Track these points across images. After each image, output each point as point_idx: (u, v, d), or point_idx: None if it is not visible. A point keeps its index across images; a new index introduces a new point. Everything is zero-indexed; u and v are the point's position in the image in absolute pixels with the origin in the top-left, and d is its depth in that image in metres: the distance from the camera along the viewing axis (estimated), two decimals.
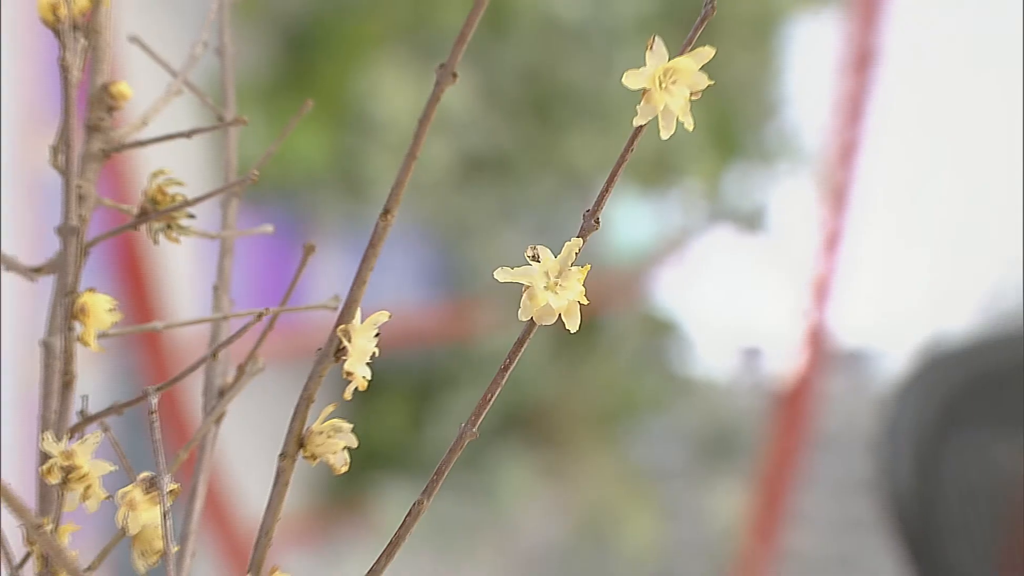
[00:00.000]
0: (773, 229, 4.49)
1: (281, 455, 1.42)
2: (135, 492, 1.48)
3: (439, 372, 4.03)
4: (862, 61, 4.72)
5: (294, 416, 1.38)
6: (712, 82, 1.16)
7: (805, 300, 4.67)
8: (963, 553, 2.96)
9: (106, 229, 1.41)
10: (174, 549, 1.47)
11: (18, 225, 3.64)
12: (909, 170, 4.92)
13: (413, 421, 3.99)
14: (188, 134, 1.41)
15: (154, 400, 1.36)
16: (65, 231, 1.41)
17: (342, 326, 1.33)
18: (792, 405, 4.63)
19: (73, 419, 1.48)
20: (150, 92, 1.40)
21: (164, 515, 1.47)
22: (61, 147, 1.34)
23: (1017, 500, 2.97)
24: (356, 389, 1.30)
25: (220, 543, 3.60)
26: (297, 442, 1.42)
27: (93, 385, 1.70)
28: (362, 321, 1.33)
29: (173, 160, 1.36)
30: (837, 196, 4.67)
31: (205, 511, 1.62)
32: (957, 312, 4.79)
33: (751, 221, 4.38)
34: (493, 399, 1.35)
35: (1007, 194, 4.82)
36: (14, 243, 3.43)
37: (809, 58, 4.70)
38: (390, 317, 1.28)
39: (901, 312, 4.80)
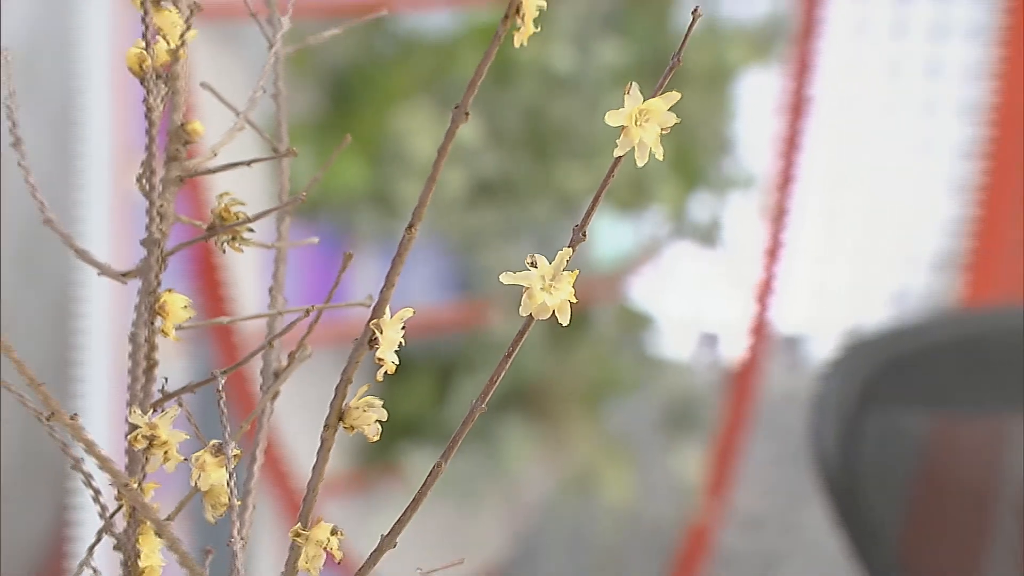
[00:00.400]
0: (726, 242, 4.47)
1: (324, 426, 1.41)
2: (206, 456, 1.48)
3: (456, 357, 4.01)
4: (797, 106, 4.69)
5: (335, 394, 1.37)
6: (678, 120, 1.17)
7: (751, 297, 4.66)
8: (879, 508, 2.94)
9: (182, 241, 1.41)
10: (237, 503, 1.46)
11: (113, 238, 3.61)
12: (834, 193, 4.91)
13: (434, 398, 3.97)
14: (249, 163, 1.42)
15: (221, 381, 1.37)
16: (149, 242, 1.41)
17: (375, 320, 1.32)
18: (740, 382, 4.62)
19: (155, 397, 1.47)
20: (218, 128, 1.40)
21: (229, 475, 1.47)
22: (145, 174, 1.34)
23: (922, 465, 2.93)
24: (386, 372, 1.29)
25: (276, 498, 3.57)
26: (338, 416, 1.42)
27: (172, 369, 1.70)
28: (391, 316, 1.33)
29: (236, 184, 1.36)
30: (777, 215, 4.66)
31: (263, 471, 1.61)
32: (872, 307, 4.77)
33: (708, 236, 4.36)
34: (499, 380, 1.35)
35: (911, 214, 4.81)
36: (109, 253, 3.41)
37: (755, 103, 4.68)
38: (414, 313, 1.28)
39: (828, 307, 4.79)
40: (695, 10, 1.21)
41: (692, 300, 4.71)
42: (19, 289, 3.72)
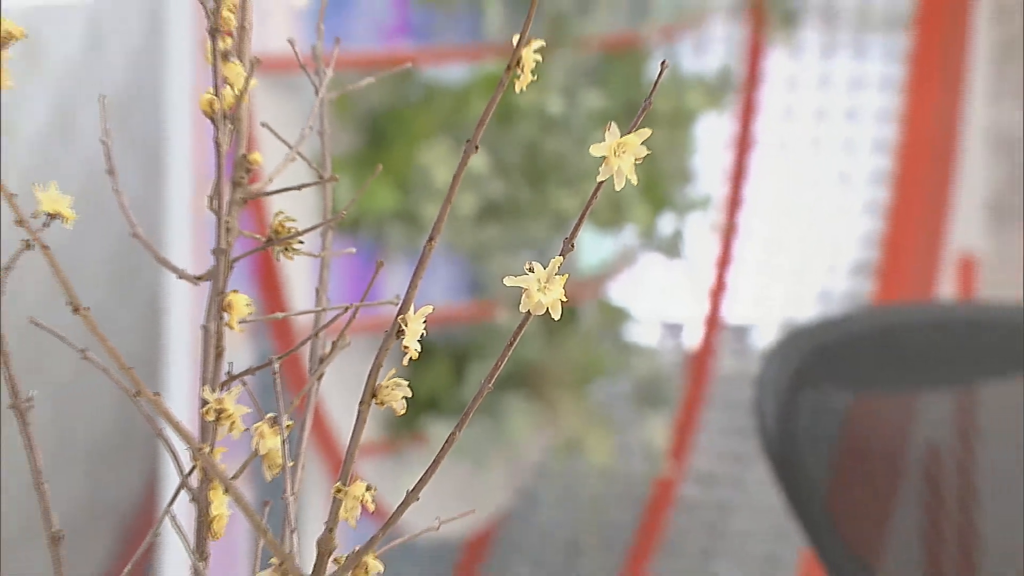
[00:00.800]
0: (686, 253, 4.45)
1: (360, 402, 1.40)
2: (264, 426, 1.47)
3: (468, 346, 3.98)
4: (744, 143, 4.67)
5: (369, 376, 1.37)
6: (648, 152, 1.16)
7: (706, 297, 4.65)
8: (810, 469, 2.93)
9: (245, 250, 1.41)
10: (289, 464, 1.45)
11: (192, 249, 3.60)
12: (773, 214, 4.90)
13: (451, 379, 3.94)
14: (299, 187, 1.43)
15: (276, 365, 1.37)
16: (217, 252, 1.41)
17: (401, 316, 1.32)
18: (698, 365, 4.60)
19: (223, 378, 1.47)
20: (273, 159, 1.40)
21: (283, 441, 1.47)
22: (215, 196, 1.35)
23: (844, 433, 2.90)
24: (410, 358, 1.29)
25: (321, 460, 3.55)
26: (371, 393, 1.41)
27: (236, 356, 1.67)
28: (414, 312, 1.33)
29: (289, 204, 1.36)
30: (727, 231, 4.64)
31: (310, 439, 1.59)
32: (803, 305, 4.75)
33: (672, 248, 4.33)
34: (502, 365, 1.34)
35: (834, 230, 4.80)
36: (189, 261, 3.41)
37: (710, 140, 4.67)
38: (433, 310, 1.28)
39: (768, 304, 4.77)
40: (663, 63, 1.20)
41: (659, 299, 4.68)
42: (117, 291, 3.70)
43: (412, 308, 1.53)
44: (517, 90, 1.49)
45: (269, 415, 1.66)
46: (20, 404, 1.71)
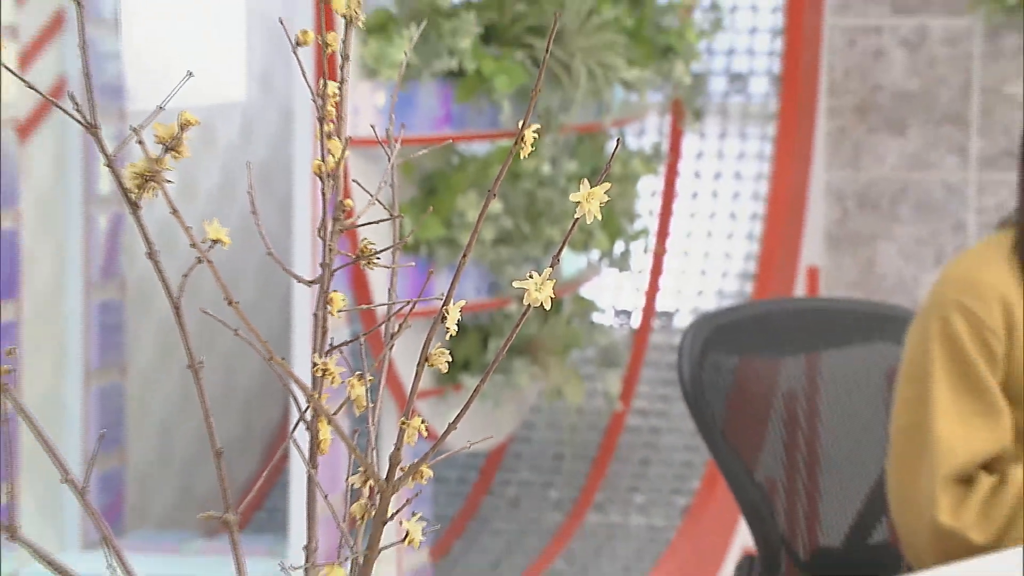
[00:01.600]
0: (632, 266, 4.39)
1: (418, 363, 1.39)
2: (354, 380, 1.46)
3: (489, 326, 3.95)
4: (669, 194, 4.64)
5: (423, 346, 1.35)
6: (607, 199, 1.14)
7: (644, 293, 4.61)
8: (712, 406, 2.89)
9: (342, 264, 1.41)
10: (371, 405, 1.44)
11: (309, 263, 3.56)
12: (688, 240, 4.85)
13: (478, 348, 3.91)
14: (377, 222, 1.42)
15: (362, 339, 1.36)
16: (324, 265, 1.38)
17: (444, 307, 1.31)
18: (639, 338, 4.56)
19: (327, 348, 1.46)
20: (360, 203, 1.38)
21: (366, 389, 1.45)
22: (323, 227, 1.32)
23: (733, 382, 2.88)
24: (450, 334, 1.28)
25: (392, 402, 3.52)
26: (424, 357, 1.39)
27: (337, 333, 1.66)
28: (453, 305, 1.32)
29: (371, 233, 1.36)
30: (658, 252, 4.59)
31: (385, 388, 1.59)
32: (707, 299, 4.71)
33: (623, 263, 4.28)
34: (511, 339, 1.33)
35: (728, 250, 4.76)
36: (306, 271, 3.38)
37: (647, 192, 4.63)
38: (465, 303, 1.28)
39: (685, 298, 4.72)
40: (617, 141, 1.20)
41: (614, 295, 4.63)
42: (261, 291, 3.66)
43: (451, 302, 1.53)
44: (522, 158, 1.48)
45: (357, 372, 1.65)
46: (195, 366, 1.70)
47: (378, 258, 1.64)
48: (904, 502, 2.48)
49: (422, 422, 1.65)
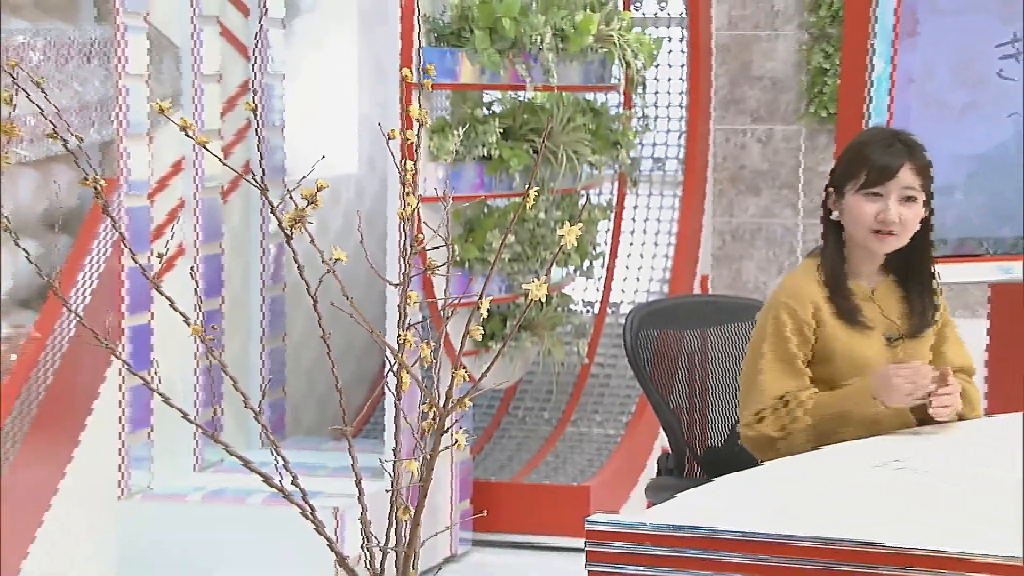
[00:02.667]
0: (595, 275, 4.35)
1: (462, 335, 1.36)
2: (424, 345, 1.42)
3: (507, 312, 3.92)
4: (616, 232, 4.59)
5: (466, 324, 1.33)
6: (580, 234, 1.11)
7: (601, 291, 4.55)
8: (643, 364, 2.85)
9: (416, 273, 1.38)
10: (434, 361, 1.41)
11: (396, 272, 3.52)
12: (630, 258, 4.79)
13: (500, 326, 3.87)
14: (437, 248, 1.38)
15: (428, 320, 1.35)
16: (404, 275, 1.35)
17: (479, 300, 1.29)
18: (599, 320, 4.52)
19: (407, 325, 1.43)
20: (427, 236, 1.36)
21: (437, 349, 1.41)
22: (404, 251, 1.29)
23: (657, 348, 2.85)
24: (483, 317, 1.26)
25: (447, 359, 3.49)
26: (466, 331, 1.36)
27: (413, 317, 1.64)
28: (485, 299, 1.29)
29: (434, 255, 1.34)
30: (610, 267, 4.52)
31: (443, 349, 1.58)
32: (641, 295, 4.66)
33: (589, 272, 4.25)
34: (521, 320, 1.31)
35: (655, 263, 4.72)
36: (394, 277, 3.38)
37: (604, 230, 4.57)
38: (491, 299, 1.26)
39: (628, 294, 4.65)
40: (586, 199, 1.19)
41: (583, 293, 4.56)
42: (367, 290, 3.65)
43: (483, 298, 1.52)
44: (527, 209, 1.49)
45: (425, 340, 1.62)
46: (325, 336, 1.67)
47: (438, 270, 1.63)
48: (742, 419, 2.46)
49: (466, 371, 1.65)
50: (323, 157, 3.04)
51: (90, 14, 3.34)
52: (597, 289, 4.57)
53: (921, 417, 2.37)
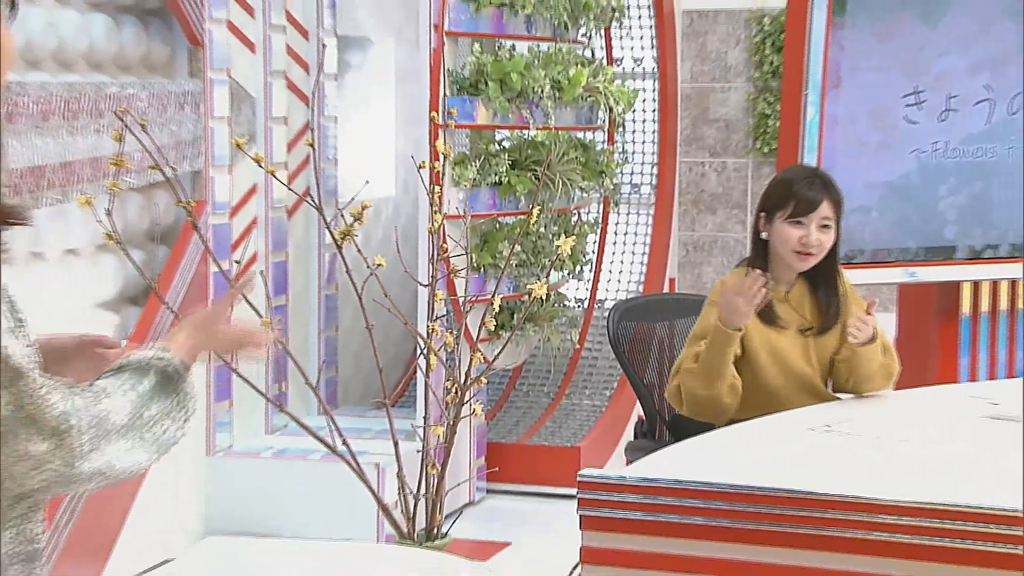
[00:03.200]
0: (584, 277, 4.33)
1: (479, 325, 1.34)
2: (448, 334, 1.40)
3: (515, 307, 3.89)
4: (602, 242, 4.55)
5: (482, 317, 1.32)
6: (573, 244, 1.11)
7: (590, 290, 4.52)
8: (623, 348, 2.84)
9: (442, 276, 1.36)
10: (456, 346, 1.39)
11: (427, 275, 3.50)
12: (612, 264, 4.75)
13: (509, 318, 3.79)
14: (458, 256, 1.33)
15: (452, 313, 1.31)
16: (432, 276, 1.32)
17: (492, 298, 1.28)
18: (588, 314, 4.44)
19: (434, 317, 1.41)
20: (451, 246, 1.32)
21: (454, 338, 1.38)
22: (432, 258, 1.27)
23: (633, 336, 2.79)
24: (496, 312, 1.25)
25: (465, 342, 3.46)
26: (482, 322, 1.34)
27: (439, 310, 1.61)
28: (497, 297, 1.27)
29: (457, 261, 1.30)
30: (597, 271, 4.45)
31: (463, 336, 1.57)
32: (622, 294, 4.63)
33: (580, 275, 4.22)
34: (526, 312, 1.30)
35: (636, 264, 4.69)
36: (424, 279, 3.36)
37: (591, 241, 4.54)
38: (502, 297, 1.23)
39: (611, 293, 4.62)
40: (578, 216, 1.16)
41: (575, 292, 4.52)
42: (402, 289, 3.62)
43: (495, 295, 1.51)
44: (531, 224, 1.46)
45: (449, 329, 1.62)
46: (369, 327, 1.67)
47: (459, 273, 1.63)
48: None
49: (481, 355, 1.64)
50: (367, 183, 3.04)
51: (184, 71, 3.37)
52: (586, 289, 4.55)
53: (841, 344, 2.34)
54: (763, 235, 2.38)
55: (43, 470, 0.99)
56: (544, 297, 2.48)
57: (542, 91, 3.60)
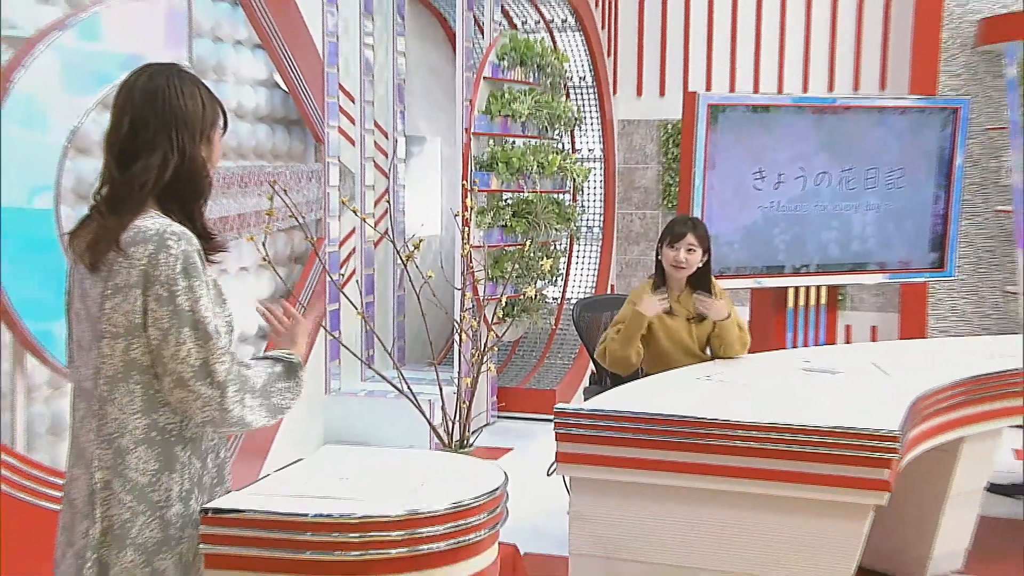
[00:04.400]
0: (558, 283, 4.24)
1: (492, 314, 1.29)
2: (472, 319, 1.35)
3: (515, 302, 3.81)
4: (569, 261, 4.43)
5: (495, 309, 1.26)
6: (551, 264, 1.04)
7: (561, 291, 4.39)
8: (582, 328, 2.78)
9: (469, 283, 1.28)
10: (477, 326, 1.35)
11: (460, 281, 3.39)
12: (573, 277, 4.58)
13: (511, 309, 3.74)
14: (479, 270, 1.26)
15: (473, 307, 1.25)
16: (464, 283, 1.26)
17: (500, 297, 1.23)
18: (560, 307, 4.31)
19: (464, 309, 1.34)
20: (476, 264, 1.24)
21: (476, 321, 1.34)
22: (465, 271, 1.21)
23: (586, 323, 2.61)
24: (503, 305, 1.20)
25: (485, 326, 3.38)
26: (494, 312, 1.29)
27: (468, 304, 1.58)
28: (503, 296, 1.22)
29: (480, 274, 1.22)
30: (566, 278, 4.22)
31: (482, 321, 1.53)
32: (584, 293, 4.53)
33: (555, 282, 4.15)
34: (522, 305, 1.25)
35: (587, 277, 4.48)
36: (458, 284, 3.29)
37: (562, 261, 4.44)
38: (507, 296, 1.18)
39: (574, 294, 4.51)
40: (554, 247, 1.10)
41: (552, 293, 4.41)
42: (444, 291, 3.55)
43: (502, 296, 1.48)
44: (524, 251, 1.40)
45: (475, 317, 1.58)
46: (423, 315, 1.64)
47: (480, 281, 1.62)
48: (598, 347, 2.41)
49: (494, 332, 1.63)
50: (422, 225, 3.08)
51: (312, 158, 3.38)
52: (559, 291, 4.46)
53: (714, 326, 2.31)
54: (661, 257, 2.40)
55: (206, 410, 1.02)
56: (533, 296, 2.52)
57: (531, 169, 3.62)
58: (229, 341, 1.06)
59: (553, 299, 4.46)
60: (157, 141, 1.03)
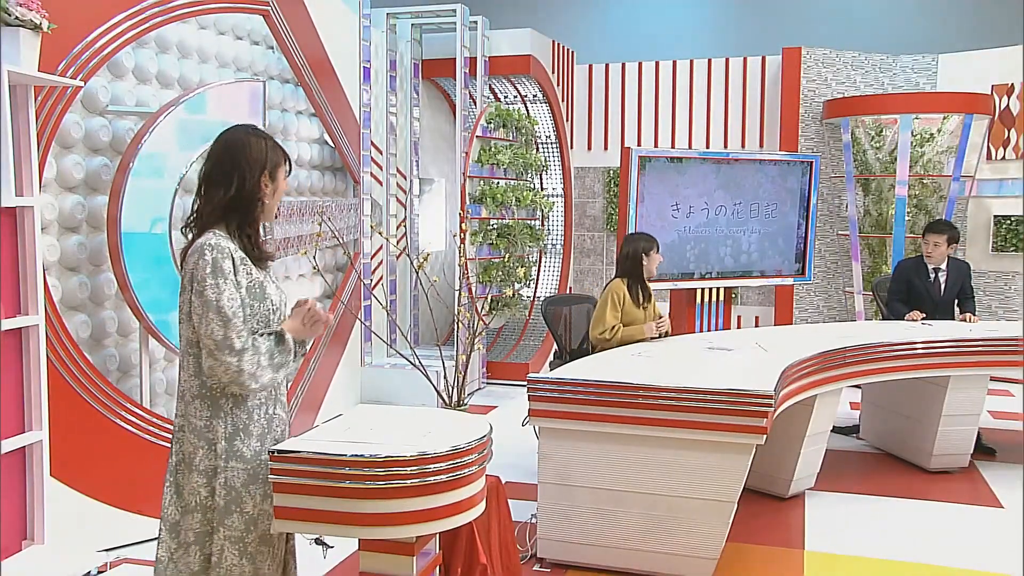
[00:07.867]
0: (531, 286, 4.13)
1: (482, 307, 1.21)
2: (467, 311, 1.32)
3: (498, 299, 3.68)
4: (538, 271, 4.27)
5: (484, 303, 1.20)
6: (526, 270, 0.98)
7: (533, 291, 4.15)
8: (548, 317, 2.73)
9: (467, 285, 1.24)
10: (471, 316, 1.31)
11: (461, 283, 3.31)
12: (541, 282, 4.33)
13: (497, 304, 3.63)
14: (476, 280, 1.20)
15: (469, 303, 1.22)
16: (462, 285, 1.19)
17: (487, 295, 1.18)
18: (532, 303, 4.10)
19: (462, 303, 1.29)
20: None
21: (471, 313, 1.29)
22: (464, 276, 1.14)
23: (553, 316, 2.58)
24: (491, 302, 1.16)
25: (478, 315, 3.24)
26: (484, 305, 1.23)
27: (463, 301, 1.55)
28: (489, 296, 1.17)
29: (475, 280, 1.18)
30: (536, 280, 4.05)
31: (476, 313, 1.47)
32: (549, 292, 4.31)
33: (528, 285, 4.04)
34: (504, 301, 1.19)
35: (551, 283, 4.19)
36: (457, 286, 3.23)
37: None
38: (493, 295, 1.14)
39: (541, 293, 4.35)
40: (527, 258, 1.03)
41: (527, 292, 4.22)
42: (446, 292, 3.47)
43: (488, 294, 1.44)
44: (506, 262, 1.34)
45: (469, 310, 1.55)
46: (430, 309, 1.60)
47: (473, 284, 1.58)
48: (594, 332, 2.43)
49: (483, 321, 1.60)
50: (431, 243, 3.08)
51: (351, 194, 3.39)
52: (532, 291, 4.36)
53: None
54: (644, 261, 2.38)
55: (228, 373, 1.16)
56: (512, 295, 2.51)
57: (511, 202, 3.65)
58: (247, 322, 1.17)
59: (527, 297, 4.43)
60: (226, 178, 1.20)
